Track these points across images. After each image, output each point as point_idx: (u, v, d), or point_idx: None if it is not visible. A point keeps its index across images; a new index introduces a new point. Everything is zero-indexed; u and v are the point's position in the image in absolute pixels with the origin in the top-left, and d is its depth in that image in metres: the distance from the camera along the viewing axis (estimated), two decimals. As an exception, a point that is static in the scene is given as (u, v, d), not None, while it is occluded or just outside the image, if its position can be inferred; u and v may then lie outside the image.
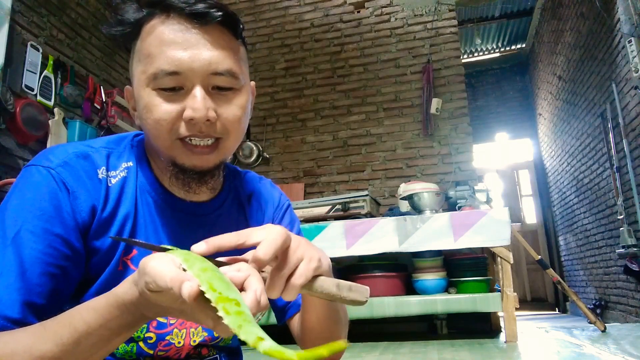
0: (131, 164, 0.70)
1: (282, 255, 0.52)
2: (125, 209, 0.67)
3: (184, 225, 0.71)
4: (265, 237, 0.51)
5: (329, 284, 0.53)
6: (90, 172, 0.65)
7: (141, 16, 0.64)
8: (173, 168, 0.66)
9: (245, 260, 0.52)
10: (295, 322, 0.79)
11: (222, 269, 0.49)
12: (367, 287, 0.54)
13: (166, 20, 0.62)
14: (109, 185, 0.67)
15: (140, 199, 0.69)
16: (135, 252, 0.67)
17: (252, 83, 0.71)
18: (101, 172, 0.66)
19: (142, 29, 0.64)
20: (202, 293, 0.41)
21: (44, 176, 0.62)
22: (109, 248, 0.65)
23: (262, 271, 0.52)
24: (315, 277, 0.54)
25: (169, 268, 0.44)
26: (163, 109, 0.61)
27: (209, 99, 0.62)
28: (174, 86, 0.61)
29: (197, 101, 0.60)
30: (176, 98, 0.62)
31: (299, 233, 0.83)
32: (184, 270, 0.45)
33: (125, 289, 0.50)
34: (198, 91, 0.61)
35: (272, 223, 0.81)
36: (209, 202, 0.74)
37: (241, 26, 0.66)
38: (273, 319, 2.76)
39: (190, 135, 0.62)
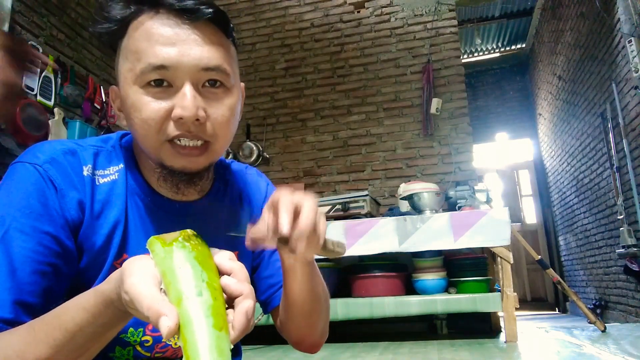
0: (122, 166, 0.69)
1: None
2: (115, 213, 0.66)
3: (175, 226, 0.70)
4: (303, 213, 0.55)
5: (329, 244, 0.61)
6: (76, 168, 0.64)
7: (128, 13, 0.62)
8: (161, 170, 0.65)
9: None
10: (276, 312, 0.80)
11: (216, 258, 0.48)
12: (344, 242, 0.67)
13: (155, 16, 0.60)
14: (96, 184, 0.65)
15: (130, 202, 0.67)
16: (125, 256, 0.66)
17: (242, 85, 0.70)
18: (87, 170, 0.65)
19: (129, 26, 0.62)
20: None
21: (31, 173, 0.61)
22: (100, 250, 0.64)
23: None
24: None
25: (148, 291, 0.42)
26: (151, 107, 0.59)
27: (199, 97, 0.60)
28: (161, 79, 0.59)
29: (187, 99, 0.59)
30: (164, 96, 0.60)
31: None
32: (162, 290, 0.43)
33: (111, 288, 0.49)
34: (188, 89, 0.59)
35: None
36: (199, 200, 0.73)
37: (231, 26, 0.65)
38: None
39: (179, 136, 0.61)
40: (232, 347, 0.42)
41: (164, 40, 0.59)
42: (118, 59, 0.65)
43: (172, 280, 0.43)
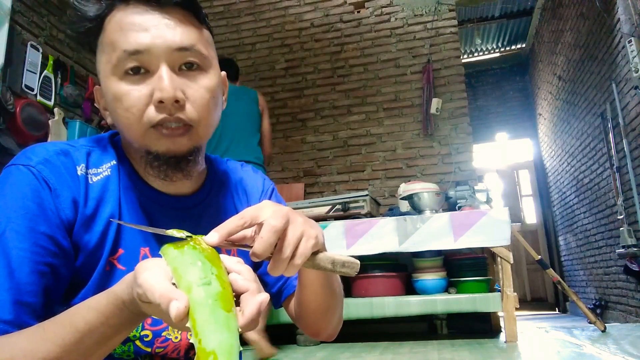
0: (114, 163, 0.69)
1: (282, 235, 0.53)
2: (109, 209, 0.66)
3: (170, 221, 0.70)
4: (266, 220, 0.52)
5: (325, 260, 0.57)
6: (70, 168, 0.65)
7: (102, 9, 0.63)
8: (147, 156, 0.65)
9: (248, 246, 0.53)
10: (290, 303, 0.79)
11: (225, 261, 0.49)
12: (358, 262, 0.58)
13: (126, 8, 0.62)
14: (90, 182, 0.66)
15: (124, 198, 0.68)
16: (121, 251, 0.66)
17: (223, 73, 0.71)
18: (80, 169, 0.65)
19: (104, 23, 0.63)
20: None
21: (25, 174, 0.61)
22: (95, 248, 0.64)
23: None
24: (313, 253, 0.56)
25: (160, 283, 0.44)
26: (132, 95, 0.61)
27: (177, 79, 0.61)
28: (138, 66, 0.61)
29: (164, 81, 0.60)
30: (143, 83, 0.61)
31: None
32: (174, 284, 0.45)
33: (123, 289, 0.49)
34: (164, 71, 0.60)
35: None
36: (194, 194, 0.73)
37: (203, 12, 0.66)
38: (271, 319, 2.76)
39: (162, 121, 0.61)
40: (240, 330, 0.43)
41: (137, 27, 0.61)
42: (98, 57, 0.66)
43: (183, 274, 0.45)
